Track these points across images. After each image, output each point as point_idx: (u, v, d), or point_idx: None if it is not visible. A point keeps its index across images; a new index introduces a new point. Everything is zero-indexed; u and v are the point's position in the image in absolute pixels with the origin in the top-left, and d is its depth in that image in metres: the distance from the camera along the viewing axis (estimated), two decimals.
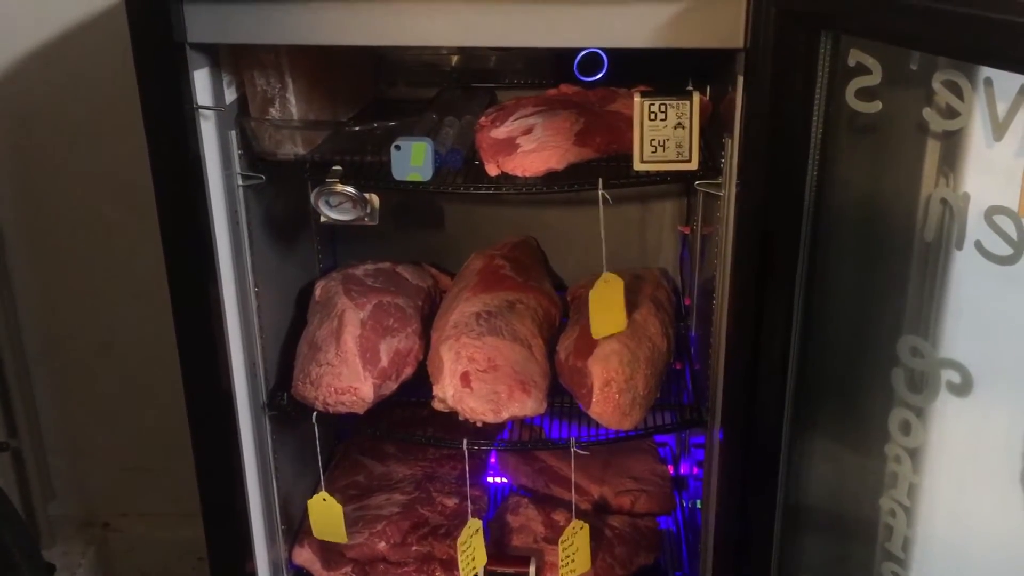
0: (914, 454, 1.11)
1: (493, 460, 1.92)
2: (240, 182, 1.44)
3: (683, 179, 1.46)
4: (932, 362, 1.07)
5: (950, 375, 1.05)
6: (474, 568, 1.52)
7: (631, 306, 1.59)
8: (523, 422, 1.67)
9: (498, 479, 1.92)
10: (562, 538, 1.52)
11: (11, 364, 2.05)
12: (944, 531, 1.11)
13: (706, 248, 1.68)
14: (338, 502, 1.55)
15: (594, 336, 1.47)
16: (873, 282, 1.17)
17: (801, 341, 1.30)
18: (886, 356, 1.13)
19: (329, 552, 1.64)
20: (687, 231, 1.82)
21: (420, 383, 1.57)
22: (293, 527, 1.71)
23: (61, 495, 2.28)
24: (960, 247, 1.02)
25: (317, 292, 1.65)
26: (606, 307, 1.46)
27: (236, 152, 1.42)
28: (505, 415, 1.48)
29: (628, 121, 1.41)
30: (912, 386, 1.10)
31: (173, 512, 2.29)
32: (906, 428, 1.11)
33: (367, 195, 1.42)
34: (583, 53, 1.62)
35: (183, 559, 2.29)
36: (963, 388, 1.04)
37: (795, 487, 1.38)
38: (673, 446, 2.01)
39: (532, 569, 1.56)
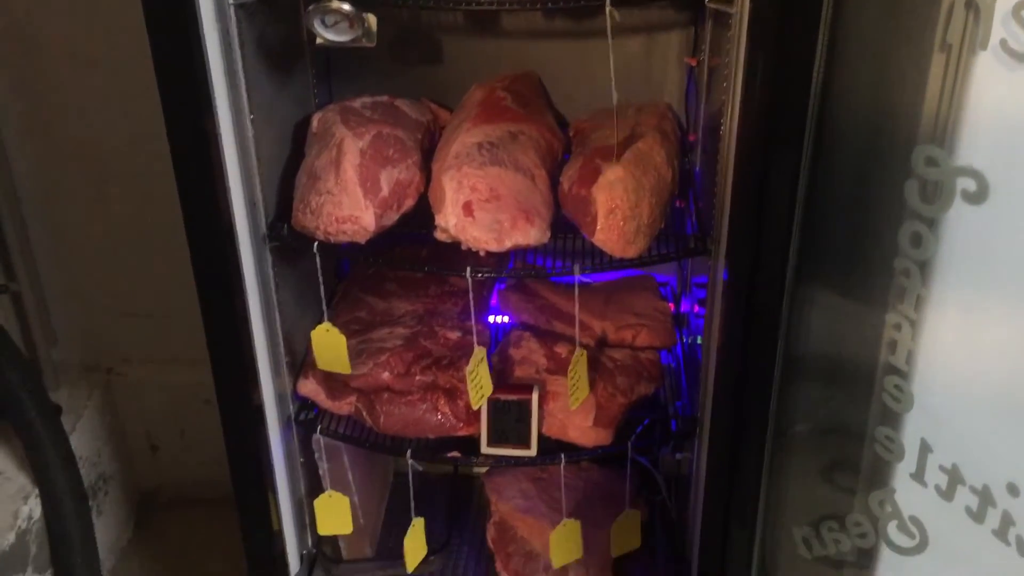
0: (924, 266, 1.10)
1: (494, 301, 1.92)
2: (231, 1, 1.38)
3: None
4: (948, 171, 1.04)
5: (966, 183, 1.03)
6: (483, 396, 1.54)
7: (637, 136, 1.56)
8: (525, 260, 1.66)
9: (500, 318, 1.93)
10: (570, 368, 1.54)
11: (5, 205, 2.03)
12: (951, 341, 1.12)
13: (713, 80, 1.63)
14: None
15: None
16: (890, 92, 1.14)
17: (811, 165, 1.28)
18: (900, 168, 1.11)
19: (333, 383, 1.66)
20: (694, 63, 1.77)
21: (421, 220, 1.55)
22: (297, 361, 1.73)
23: (63, 340, 2.29)
24: (984, 47, 0.98)
25: (314, 124, 1.61)
26: None
27: None
28: (508, 244, 1.47)
29: None
30: (925, 197, 1.08)
31: (176, 357, 2.32)
32: (917, 240, 1.10)
33: (364, 13, 1.36)
34: None
35: (188, 402, 2.33)
36: (978, 196, 1.03)
37: (799, 319, 1.38)
38: (674, 285, 2.02)
39: (535, 397, 1.58)
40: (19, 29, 1.94)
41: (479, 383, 1.52)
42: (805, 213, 1.31)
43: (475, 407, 1.56)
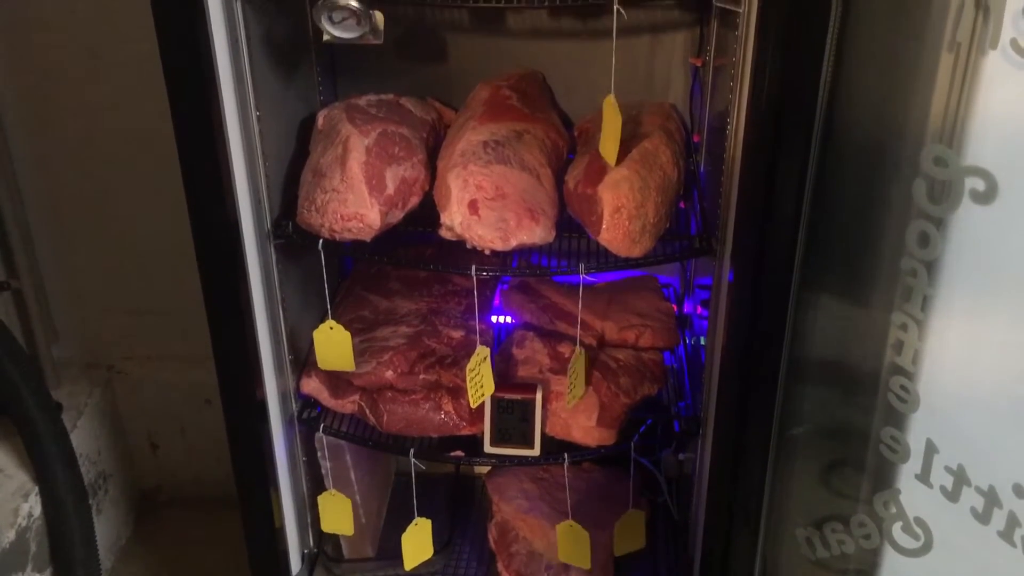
0: (931, 266, 1.10)
1: (497, 302, 1.92)
2: None
3: None
4: (956, 170, 1.04)
5: (974, 183, 1.03)
6: (482, 395, 1.54)
7: (642, 135, 1.56)
8: (529, 260, 1.66)
9: (503, 318, 1.92)
10: (570, 366, 1.53)
11: (7, 203, 2.02)
12: (958, 342, 1.11)
13: (718, 80, 1.63)
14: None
15: (601, 152, 1.44)
16: (898, 91, 1.14)
17: (818, 165, 1.28)
18: (908, 168, 1.11)
19: (336, 381, 1.65)
20: (699, 63, 1.77)
21: (426, 219, 1.55)
22: (300, 359, 1.72)
23: (64, 338, 2.29)
24: (994, 47, 0.98)
25: (320, 121, 1.61)
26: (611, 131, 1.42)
27: None
28: (514, 243, 1.46)
29: None
30: (933, 197, 1.08)
31: (178, 355, 2.31)
32: (924, 240, 1.10)
33: (371, 11, 1.36)
34: None
35: (189, 401, 2.33)
36: (987, 195, 1.03)
37: (804, 320, 1.38)
38: (677, 287, 2.01)
39: (538, 396, 1.57)
40: (23, 23, 1.93)
41: (480, 382, 1.52)
42: (812, 213, 1.31)
43: (474, 406, 1.56)
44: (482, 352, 1.51)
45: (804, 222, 1.32)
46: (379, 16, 1.38)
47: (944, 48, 1.06)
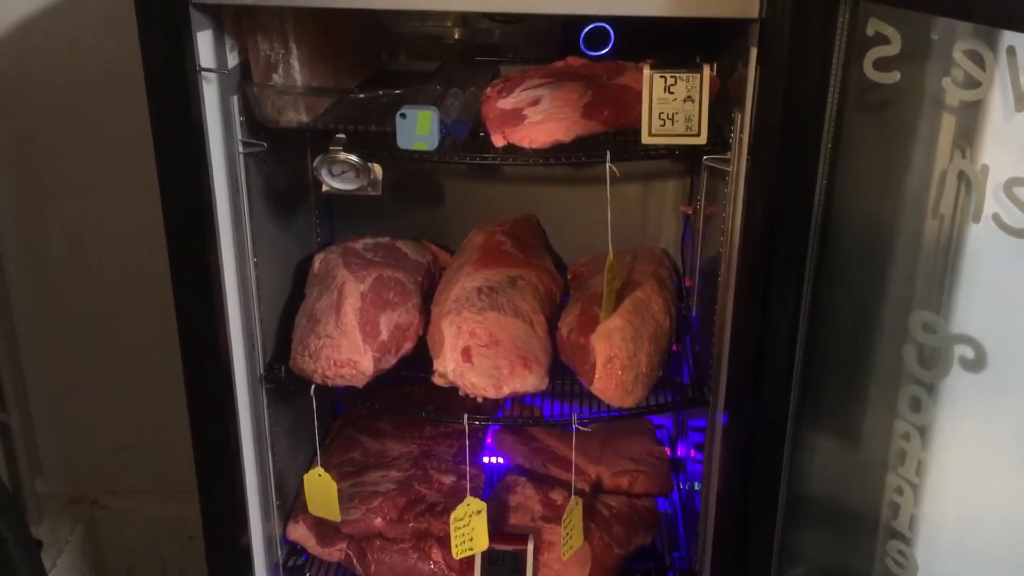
0: (924, 431, 1.10)
1: (489, 441, 1.90)
2: (241, 149, 1.41)
3: (690, 155, 1.44)
4: (945, 338, 1.05)
5: (963, 351, 1.04)
6: (469, 548, 1.50)
7: (634, 284, 1.58)
8: (522, 402, 1.65)
9: (494, 459, 1.90)
10: (564, 516, 1.51)
11: (1, 340, 2.02)
12: (953, 508, 1.10)
13: (708, 228, 1.66)
14: (333, 479, 1.52)
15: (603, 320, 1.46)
16: (885, 257, 1.16)
17: (809, 319, 1.29)
18: (897, 332, 1.12)
19: (324, 528, 1.62)
20: (689, 211, 1.81)
21: (419, 361, 1.55)
22: (287, 504, 1.69)
23: (49, 472, 2.25)
24: (977, 220, 1.01)
25: (316, 265, 1.63)
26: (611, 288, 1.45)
27: (238, 118, 1.39)
28: (506, 390, 1.46)
29: (636, 95, 1.39)
30: (923, 362, 1.09)
31: (163, 490, 2.27)
32: (916, 405, 1.10)
33: (370, 164, 1.40)
34: (589, 27, 1.61)
35: (172, 537, 2.27)
36: (976, 364, 1.03)
37: (799, 470, 1.37)
38: (670, 429, 2.00)
39: (530, 547, 1.54)
40: (25, 163, 1.97)
41: (468, 534, 1.49)
42: (805, 365, 1.31)
43: (456, 557, 1.51)
44: (475, 505, 1.49)
45: (797, 374, 1.32)
46: (377, 169, 1.41)
47: (928, 216, 1.08)
